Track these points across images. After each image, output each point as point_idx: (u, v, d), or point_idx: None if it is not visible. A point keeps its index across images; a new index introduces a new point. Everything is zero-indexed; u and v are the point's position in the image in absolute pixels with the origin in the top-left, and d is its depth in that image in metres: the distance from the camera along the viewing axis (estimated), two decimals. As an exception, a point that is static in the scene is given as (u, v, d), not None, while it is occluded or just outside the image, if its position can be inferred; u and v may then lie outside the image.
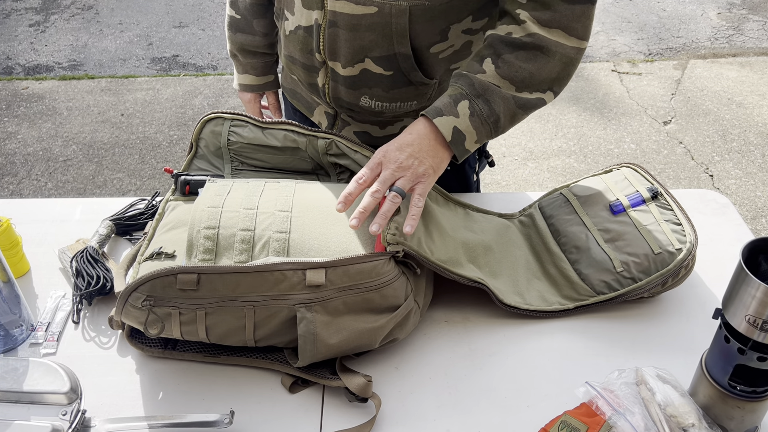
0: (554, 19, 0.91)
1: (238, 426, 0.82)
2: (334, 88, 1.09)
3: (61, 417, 0.78)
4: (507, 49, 0.92)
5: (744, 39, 3.94)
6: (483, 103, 0.92)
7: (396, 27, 0.98)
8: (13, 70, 3.66)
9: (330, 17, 1.00)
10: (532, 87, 0.93)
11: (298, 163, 1.07)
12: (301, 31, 1.06)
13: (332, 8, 0.99)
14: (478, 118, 0.92)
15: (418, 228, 0.91)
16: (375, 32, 0.99)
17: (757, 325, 0.71)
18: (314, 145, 1.05)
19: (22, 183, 2.77)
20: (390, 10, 0.97)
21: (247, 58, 1.27)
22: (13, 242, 1.01)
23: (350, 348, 0.85)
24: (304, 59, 1.09)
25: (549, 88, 0.95)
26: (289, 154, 1.07)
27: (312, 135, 1.04)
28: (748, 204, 2.65)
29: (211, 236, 0.86)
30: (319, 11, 1.01)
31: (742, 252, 0.72)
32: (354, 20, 0.99)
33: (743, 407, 0.77)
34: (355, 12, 0.98)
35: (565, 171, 2.83)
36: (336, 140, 1.04)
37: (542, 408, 0.84)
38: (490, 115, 0.93)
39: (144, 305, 0.80)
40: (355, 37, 1.00)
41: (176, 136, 3.05)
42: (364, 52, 1.02)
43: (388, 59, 1.02)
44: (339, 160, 1.05)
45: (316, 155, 1.05)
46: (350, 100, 1.10)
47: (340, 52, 1.03)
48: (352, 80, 1.06)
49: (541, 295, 0.98)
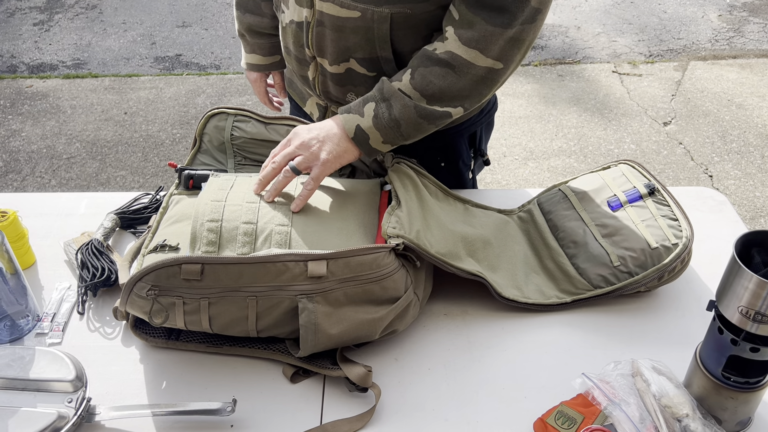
0: (473, 39, 0.94)
1: (240, 414, 0.84)
2: (323, 82, 1.12)
3: (67, 404, 0.80)
4: (425, 63, 0.97)
5: (744, 41, 3.95)
6: (386, 107, 0.97)
7: (378, 32, 1.01)
8: (17, 69, 3.68)
9: (318, 16, 1.03)
10: (442, 101, 0.97)
11: None
12: (293, 25, 1.08)
13: (320, 8, 1.02)
14: (380, 120, 0.97)
15: (417, 221, 0.92)
16: (358, 35, 1.02)
17: (750, 316, 0.72)
18: None
19: (26, 180, 2.79)
20: (372, 15, 0.99)
21: (255, 38, 1.28)
22: (20, 234, 1.03)
23: (351, 339, 0.86)
24: (296, 52, 1.12)
25: (460, 104, 0.99)
26: None
27: None
28: (747, 204, 2.66)
29: (215, 229, 0.88)
30: (308, 9, 1.04)
31: (735, 245, 0.73)
32: (339, 22, 1.01)
33: (737, 398, 0.78)
34: (340, 14, 1.00)
35: (565, 171, 2.84)
36: None
37: (539, 399, 0.86)
38: (390, 120, 0.97)
39: (149, 294, 0.82)
40: (340, 38, 1.03)
41: (179, 135, 3.07)
42: (348, 52, 1.04)
43: (371, 61, 1.05)
44: None
45: None
46: (338, 95, 1.12)
47: (327, 50, 1.06)
48: (338, 77, 1.09)
49: (539, 289, 1.00)
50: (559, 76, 3.53)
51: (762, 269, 0.74)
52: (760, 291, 0.70)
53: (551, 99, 3.32)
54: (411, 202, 0.96)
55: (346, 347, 0.90)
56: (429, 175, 1.07)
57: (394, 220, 0.90)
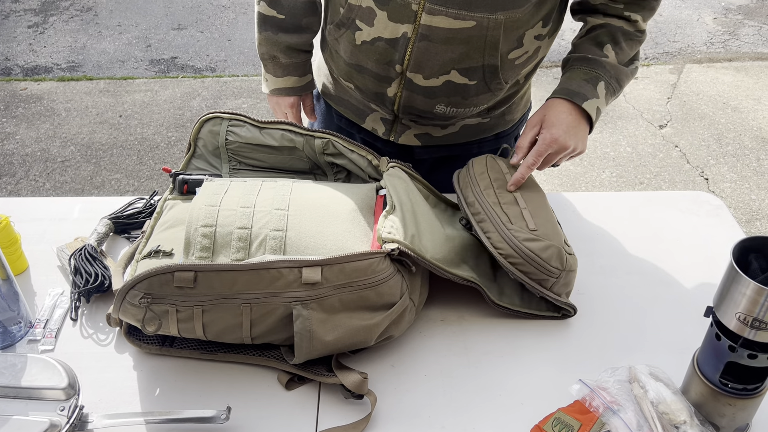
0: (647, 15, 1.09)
1: (235, 422, 0.83)
2: (408, 97, 1.08)
3: (59, 412, 0.79)
4: (622, 38, 1.08)
5: (739, 44, 3.96)
6: (616, 82, 1.08)
7: (490, 39, 1.00)
8: (11, 71, 3.66)
9: (422, 31, 0.99)
10: (629, 62, 1.11)
11: (295, 163, 1.08)
12: (381, 42, 1.03)
13: (427, 22, 0.98)
14: (612, 95, 1.08)
15: (411, 226, 0.92)
16: (469, 45, 1.00)
17: (748, 323, 0.71)
18: (311, 144, 1.05)
19: (20, 183, 2.77)
20: (487, 23, 0.98)
21: (291, 58, 1.19)
22: (12, 240, 1.02)
23: (346, 345, 0.85)
24: (377, 69, 1.07)
25: None
26: (286, 154, 1.07)
27: (309, 135, 1.05)
28: (742, 207, 2.67)
29: (209, 234, 0.87)
30: (410, 25, 1.00)
31: (732, 251, 0.73)
32: (450, 34, 0.99)
33: (734, 404, 0.78)
34: (452, 26, 0.98)
35: (561, 174, 2.84)
36: (333, 140, 1.04)
37: (536, 405, 0.85)
38: (617, 90, 1.09)
39: (141, 302, 0.81)
40: (447, 50, 1.01)
41: (174, 138, 3.06)
42: (452, 64, 1.02)
43: (474, 70, 1.04)
44: (336, 160, 1.06)
45: (313, 155, 1.06)
46: (424, 108, 1.10)
47: (426, 64, 1.03)
48: (431, 90, 1.06)
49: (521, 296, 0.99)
50: (555, 79, 3.53)
51: (760, 275, 0.74)
52: (758, 297, 0.70)
53: (547, 102, 3.32)
54: (405, 206, 0.95)
55: (342, 354, 0.89)
56: (422, 180, 1.07)
57: (389, 224, 0.89)
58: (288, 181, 0.98)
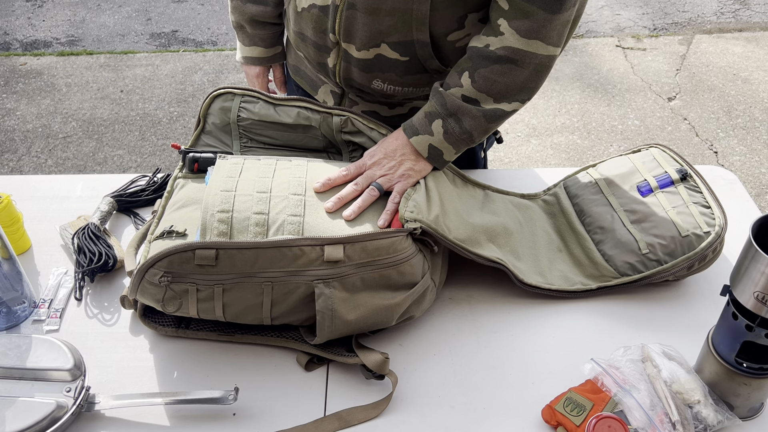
0: (533, 30, 0.91)
1: (243, 402, 0.82)
2: (345, 68, 1.07)
3: (65, 393, 0.78)
4: (483, 63, 0.94)
5: (750, 14, 3.88)
6: (455, 122, 0.96)
7: (417, 13, 0.96)
8: (10, 46, 3.62)
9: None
10: (508, 97, 0.96)
11: (309, 141, 1.06)
12: (315, 9, 1.03)
13: None
14: (452, 135, 0.97)
15: (435, 206, 0.90)
16: (395, 17, 0.97)
17: (766, 302, 0.70)
18: (329, 122, 1.03)
19: (21, 160, 2.76)
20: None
21: (256, 29, 1.22)
22: (14, 219, 1.01)
23: (367, 325, 0.84)
24: (315, 38, 1.06)
25: (526, 96, 0.98)
26: (300, 132, 1.05)
27: (326, 112, 1.03)
28: (753, 180, 2.64)
29: (225, 220, 0.85)
30: None
31: (751, 228, 0.71)
32: (374, 4, 0.96)
33: (750, 384, 0.77)
34: None
35: (568, 148, 2.81)
36: (352, 118, 1.02)
37: (547, 385, 0.84)
38: (461, 133, 0.97)
39: (161, 281, 0.79)
40: (374, 21, 0.98)
41: (176, 113, 3.03)
42: (381, 36, 1.00)
43: (405, 45, 1.00)
44: (354, 138, 1.04)
45: (330, 133, 1.04)
46: (362, 81, 1.07)
47: (356, 34, 1.01)
48: (365, 63, 1.04)
49: (564, 275, 0.98)
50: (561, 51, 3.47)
51: (779, 253, 0.72)
52: (777, 276, 0.68)
53: (553, 74, 3.27)
54: (430, 186, 0.94)
55: (361, 334, 0.88)
56: None
57: (412, 204, 0.88)
58: (303, 160, 0.96)
